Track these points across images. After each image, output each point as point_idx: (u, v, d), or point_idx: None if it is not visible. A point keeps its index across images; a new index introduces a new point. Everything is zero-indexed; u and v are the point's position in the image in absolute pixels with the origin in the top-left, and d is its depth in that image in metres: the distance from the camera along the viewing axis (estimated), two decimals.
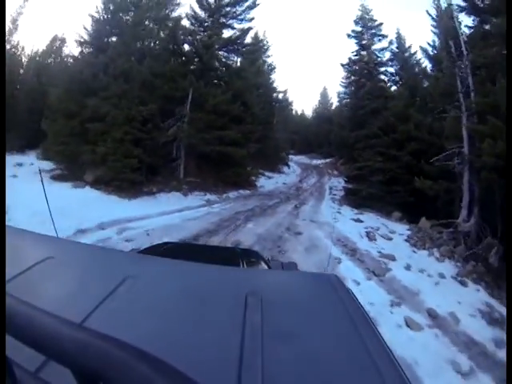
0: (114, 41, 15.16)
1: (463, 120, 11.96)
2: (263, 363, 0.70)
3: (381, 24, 22.58)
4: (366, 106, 19.02)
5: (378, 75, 21.92)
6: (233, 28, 18.89)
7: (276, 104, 30.96)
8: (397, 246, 10.05)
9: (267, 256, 5.08)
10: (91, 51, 15.77)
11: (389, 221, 13.58)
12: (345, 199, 17.90)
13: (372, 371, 0.71)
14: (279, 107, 32.16)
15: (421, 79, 20.41)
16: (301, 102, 62.18)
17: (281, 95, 34.81)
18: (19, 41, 25.30)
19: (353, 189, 17.60)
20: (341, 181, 20.78)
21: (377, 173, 16.02)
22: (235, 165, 16.56)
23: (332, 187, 22.96)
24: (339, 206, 16.13)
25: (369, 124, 17.72)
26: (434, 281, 8.03)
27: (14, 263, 0.99)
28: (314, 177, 29.32)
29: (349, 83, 26.51)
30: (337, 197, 19.31)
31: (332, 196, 19.87)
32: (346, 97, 28.51)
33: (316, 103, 56.16)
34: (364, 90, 20.29)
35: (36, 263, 1.06)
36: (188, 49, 17.67)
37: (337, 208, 15.56)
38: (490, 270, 9.19)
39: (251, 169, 19.10)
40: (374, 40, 22.64)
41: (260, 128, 20.42)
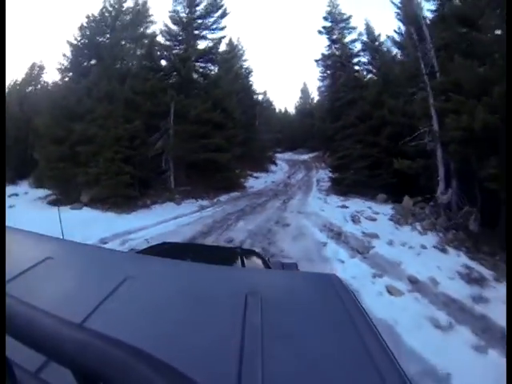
0: (95, 65, 15.45)
1: (430, 100, 12.49)
2: (263, 363, 0.70)
3: (350, 17, 22.62)
4: (343, 98, 19.32)
5: (352, 66, 21.91)
6: (206, 38, 19.10)
7: (257, 106, 31.04)
8: (380, 226, 10.37)
9: (259, 248, 5.44)
10: (73, 77, 16.13)
11: (374, 203, 13.95)
12: (332, 189, 18.23)
13: (372, 371, 0.71)
14: (260, 109, 32.18)
15: (392, 66, 20.79)
16: (283, 101, 62.33)
17: (261, 97, 35.07)
18: None
19: (338, 178, 17.95)
20: (328, 173, 20.84)
21: (358, 160, 16.39)
22: (223, 169, 16.86)
23: (319, 179, 23.31)
24: (326, 196, 16.50)
25: (347, 114, 18.00)
26: (416, 252, 8.35)
27: (14, 263, 0.99)
28: (302, 172, 29.65)
29: (325, 77, 26.74)
30: (324, 188, 19.60)
31: (319, 187, 20.16)
32: (325, 90, 28.18)
33: (297, 99, 55.99)
34: (339, 83, 20.54)
35: (36, 263, 1.07)
36: (165, 64, 18.01)
37: (323, 198, 15.94)
38: (471, 236, 9.53)
39: (239, 171, 19.38)
40: (345, 33, 22.65)
41: (243, 131, 20.75)
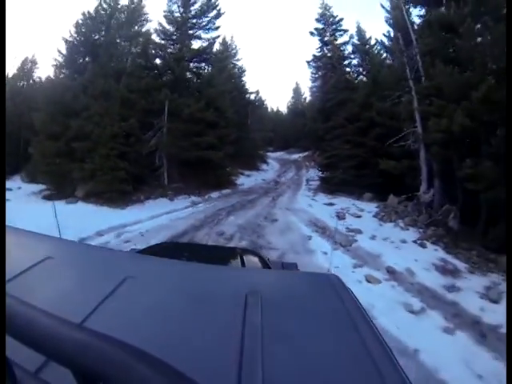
0: (91, 62, 15.64)
1: (414, 103, 13.05)
2: (263, 363, 0.69)
3: (341, 19, 22.88)
4: (333, 99, 19.62)
5: (343, 68, 22.24)
6: (201, 38, 19.34)
7: (249, 105, 31.25)
8: (364, 222, 10.88)
9: (248, 241, 5.74)
10: (68, 73, 16.32)
11: (360, 202, 14.48)
12: (320, 187, 18.71)
13: (372, 371, 0.71)
14: (253, 108, 32.34)
15: (380, 69, 21.24)
16: (275, 100, 62.40)
17: (253, 96, 35.02)
18: None
19: (326, 177, 18.49)
20: (317, 172, 21.46)
21: (346, 159, 16.87)
22: (214, 167, 17.26)
23: (309, 178, 23.70)
24: (314, 195, 17.03)
25: (336, 115, 18.38)
26: (396, 246, 8.84)
27: (14, 263, 0.99)
28: (292, 171, 30.09)
29: (316, 78, 27.10)
30: (313, 186, 20.07)
31: (308, 186, 20.62)
32: (317, 91, 28.23)
33: (290, 99, 55.57)
34: (330, 84, 20.83)
35: (36, 263, 1.06)
36: (160, 62, 18.23)
37: (311, 196, 16.49)
38: (450, 233, 10.00)
39: (230, 169, 19.83)
40: (336, 35, 22.94)
41: (235, 130, 21.04)
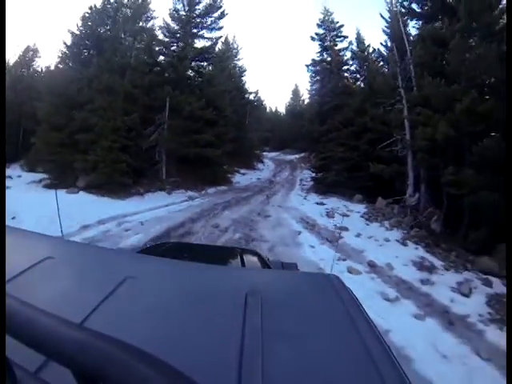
0: (96, 56, 16.00)
1: (404, 112, 13.77)
2: (263, 363, 0.69)
3: (342, 26, 23.17)
4: (330, 103, 20.18)
5: (341, 74, 22.63)
6: (204, 38, 19.83)
7: (248, 105, 31.71)
8: (352, 221, 11.39)
9: (242, 234, 6.15)
10: (73, 66, 16.67)
11: (350, 203, 15.09)
12: (313, 188, 19.30)
13: (372, 371, 0.71)
14: (251, 107, 32.80)
15: (376, 76, 21.75)
16: (274, 100, 62.72)
17: (252, 96, 35.53)
18: None
19: (319, 178, 19.05)
20: (311, 173, 21.97)
21: (339, 162, 17.45)
22: (212, 164, 17.81)
23: (303, 179, 24.18)
24: (306, 194, 17.65)
25: (332, 119, 18.93)
26: (379, 244, 9.41)
27: (14, 263, 0.99)
28: (287, 171, 30.51)
29: (315, 81, 27.53)
30: (306, 187, 20.64)
31: (302, 186, 21.24)
32: (315, 94, 28.31)
33: (288, 100, 56.23)
34: (328, 88, 21.37)
35: (36, 263, 1.06)
36: (163, 60, 18.75)
37: (304, 195, 17.13)
38: (432, 234, 10.60)
39: (227, 167, 20.36)
40: (336, 41, 23.18)
41: (233, 129, 21.65)
